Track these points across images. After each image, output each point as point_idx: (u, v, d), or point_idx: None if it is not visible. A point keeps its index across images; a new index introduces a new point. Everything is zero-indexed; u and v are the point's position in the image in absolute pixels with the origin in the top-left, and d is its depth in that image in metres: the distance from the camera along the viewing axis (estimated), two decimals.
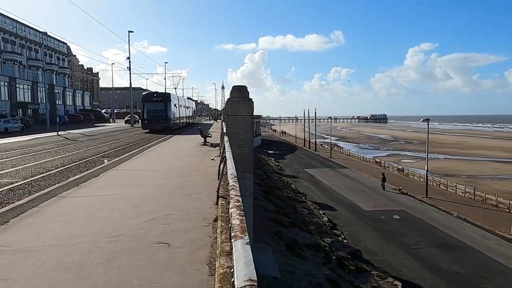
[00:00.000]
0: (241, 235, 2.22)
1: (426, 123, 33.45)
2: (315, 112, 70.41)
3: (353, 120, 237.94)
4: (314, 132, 70.88)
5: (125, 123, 51.63)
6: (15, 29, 58.48)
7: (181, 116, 41.61)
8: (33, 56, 62.39)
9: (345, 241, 19.41)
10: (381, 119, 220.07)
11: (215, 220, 5.92)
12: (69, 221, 6.28)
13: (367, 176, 39.85)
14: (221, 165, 9.75)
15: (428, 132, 32.60)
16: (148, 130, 33.04)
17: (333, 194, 32.30)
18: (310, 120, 75.59)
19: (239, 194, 3.38)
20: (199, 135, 21.52)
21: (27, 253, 4.87)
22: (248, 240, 2.15)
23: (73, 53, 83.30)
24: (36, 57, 62.30)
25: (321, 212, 25.02)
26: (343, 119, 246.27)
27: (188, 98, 73.89)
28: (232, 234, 2.31)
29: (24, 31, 60.63)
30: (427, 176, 31.29)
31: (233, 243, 2.19)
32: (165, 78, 72.10)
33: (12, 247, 5.10)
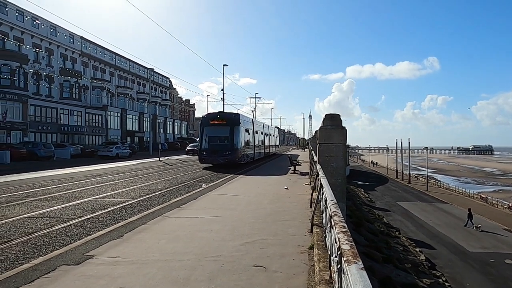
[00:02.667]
0: (354, 260, 2.21)
1: None
2: (409, 142, 66.41)
3: (451, 151, 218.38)
4: (407, 163, 66.54)
5: (187, 154, 43.31)
6: (128, 66, 66.69)
7: (257, 144, 31.67)
8: (141, 90, 70.19)
9: (446, 283, 17.53)
10: (485, 150, 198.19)
11: (311, 247, 5.89)
12: (173, 239, 6.78)
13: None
14: (314, 193, 9.71)
15: None
16: (206, 165, 24.72)
17: (431, 231, 29.61)
18: (403, 151, 71.34)
19: (343, 220, 3.35)
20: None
21: (140, 265, 5.36)
22: (363, 266, 2.13)
23: (174, 86, 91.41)
24: (144, 91, 69.98)
25: (417, 250, 23.07)
26: (440, 150, 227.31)
27: (276, 127, 74.57)
28: (344, 259, 2.30)
29: (135, 68, 68.80)
30: None
31: (346, 268, 2.18)
32: (254, 110, 74.91)
33: (128, 258, 5.66)
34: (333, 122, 10.67)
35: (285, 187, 14.08)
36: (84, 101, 52.89)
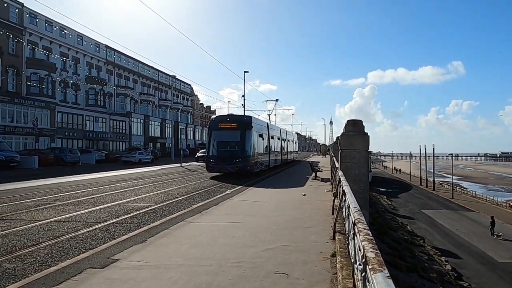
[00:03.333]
0: (380, 268, 2.18)
1: None
2: (433, 148, 64.79)
3: (478, 157, 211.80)
4: (432, 170, 64.94)
5: (197, 161, 39.91)
6: (150, 73, 68.07)
7: (273, 151, 28.54)
8: (163, 97, 71.46)
9: None
10: None
11: (333, 255, 5.83)
12: (195, 244, 6.83)
13: (499, 221, 34.63)
14: (335, 200, 9.62)
15: None
16: (214, 174, 22.32)
17: (457, 239, 28.74)
18: (427, 157, 69.72)
19: (368, 227, 3.31)
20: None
21: (163, 269, 5.43)
22: (389, 274, 2.10)
23: (195, 93, 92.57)
24: (166, 98, 71.24)
25: (443, 259, 22.42)
26: (466, 156, 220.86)
27: (297, 133, 74.21)
28: (370, 267, 2.27)
29: (157, 75, 70.15)
30: None
31: (372, 276, 2.15)
32: (275, 114, 74.95)
33: (151, 263, 5.74)
34: (355, 128, 10.54)
35: (303, 193, 14.00)
36: (109, 108, 54.23)
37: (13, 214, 10.02)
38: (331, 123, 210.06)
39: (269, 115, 48.99)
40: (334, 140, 35.60)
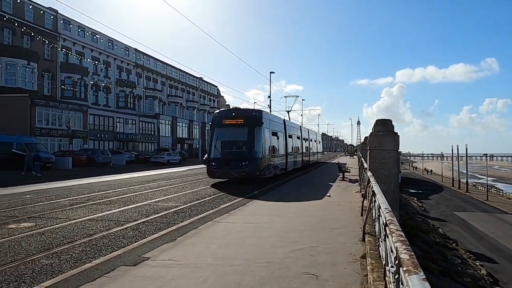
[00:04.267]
0: (415, 270, 2.12)
1: None
2: (466, 149, 62.40)
3: None
4: (464, 171, 62.70)
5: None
6: (178, 76, 69.31)
7: (290, 152, 25.11)
8: (190, 98, 72.57)
9: None
10: None
11: (363, 256, 5.73)
12: (224, 244, 6.89)
13: None
14: (364, 201, 9.45)
15: None
16: (216, 180, 18.82)
17: (492, 243, 27.52)
18: (460, 157, 67.32)
19: (400, 228, 3.23)
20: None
21: (192, 268, 5.50)
22: (425, 276, 2.04)
23: (221, 94, 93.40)
24: (193, 99, 72.33)
25: (477, 263, 21.55)
26: (502, 156, 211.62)
27: (324, 134, 73.36)
28: (404, 269, 2.22)
29: (185, 77, 71.33)
30: None
31: (407, 278, 2.10)
32: (302, 115, 74.59)
33: (180, 262, 5.83)
34: (384, 128, 10.34)
35: (328, 194, 13.83)
36: (138, 110, 55.56)
37: (49, 213, 10.44)
38: (358, 123, 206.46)
39: (288, 111, 41.55)
40: (362, 140, 34.70)
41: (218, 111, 21.30)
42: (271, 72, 47.65)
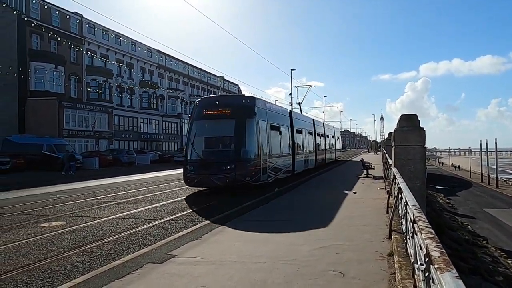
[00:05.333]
0: (447, 268, 2.07)
1: None
2: (495, 143, 60.19)
3: None
4: (494, 166, 60.61)
5: None
6: (199, 75, 69.94)
7: (298, 151, 21.01)
8: None
9: None
10: None
11: (390, 254, 5.64)
12: (248, 241, 6.93)
13: None
14: (390, 198, 9.29)
15: None
16: (194, 190, 15.08)
17: None
18: (489, 152, 65.10)
19: (430, 225, 3.16)
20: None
21: (218, 265, 5.56)
22: (458, 274, 1.99)
23: (243, 93, 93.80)
24: None
25: (509, 262, 20.84)
26: None
27: (346, 130, 72.54)
28: (435, 267, 2.16)
29: (206, 77, 71.91)
30: None
31: (439, 276, 2.05)
32: (323, 111, 74.03)
33: (206, 259, 5.90)
34: (409, 123, 10.11)
35: (354, 191, 13.65)
36: (161, 110, 56.46)
37: (78, 212, 10.76)
38: (381, 119, 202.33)
39: (299, 103, 35.92)
40: (386, 136, 33.81)
41: (199, 99, 16.62)
42: (292, 69, 47.65)
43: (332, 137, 35.44)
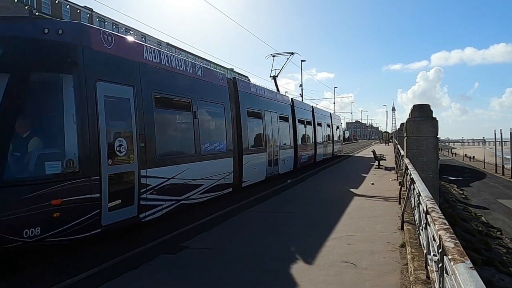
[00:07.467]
0: (462, 259, 2.06)
1: None
2: (510, 133, 59.19)
3: None
4: (509, 157, 59.53)
5: None
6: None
7: (272, 144, 14.82)
8: None
9: None
10: None
11: (402, 245, 5.61)
12: (260, 232, 6.95)
13: None
14: (402, 189, 9.23)
15: None
16: None
17: None
18: (504, 142, 63.91)
19: (443, 216, 3.13)
20: None
21: (220, 254, 5.60)
22: (472, 265, 1.97)
23: None
24: None
25: None
26: None
27: (357, 121, 71.98)
28: (450, 257, 2.15)
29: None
30: None
31: (453, 267, 2.04)
32: (334, 103, 73.56)
33: (217, 249, 5.95)
34: (422, 113, 10.00)
35: (371, 182, 13.57)
36: None
37: None
38: (393, 109, 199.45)
39: (274, 76, 23.53)
40: (398, 127, 33.39)
41: None
42: (302, 61, 47.06)
43: (328, 126, 27.22)
